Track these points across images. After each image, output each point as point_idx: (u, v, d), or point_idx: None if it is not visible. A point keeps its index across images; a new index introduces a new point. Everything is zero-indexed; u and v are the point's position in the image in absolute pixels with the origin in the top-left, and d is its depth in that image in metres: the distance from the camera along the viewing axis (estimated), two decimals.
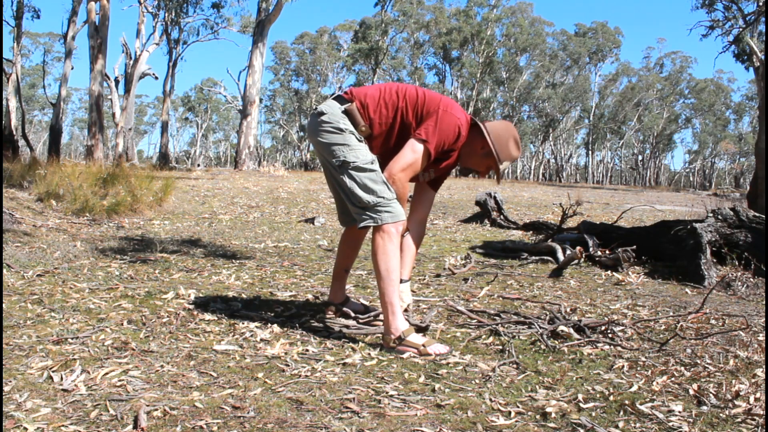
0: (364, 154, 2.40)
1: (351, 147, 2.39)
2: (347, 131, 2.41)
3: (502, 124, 2.56)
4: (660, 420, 1.72)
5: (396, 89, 2.49)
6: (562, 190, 15.96)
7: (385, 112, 2.45)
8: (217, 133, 62.84)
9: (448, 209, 8.72)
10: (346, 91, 2.52)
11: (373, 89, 2.50)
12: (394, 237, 2.35)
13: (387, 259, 2.34)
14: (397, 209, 2.37)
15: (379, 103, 2.45)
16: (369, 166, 2.38)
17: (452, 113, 2.44)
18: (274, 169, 17.32)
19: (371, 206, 2.35)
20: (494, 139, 2.49)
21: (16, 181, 6.22)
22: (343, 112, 2.43)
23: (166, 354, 2.20)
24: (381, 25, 34.85)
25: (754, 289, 3.60)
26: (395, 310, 2.34)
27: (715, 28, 18.46)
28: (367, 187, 2.35)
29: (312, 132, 2.49)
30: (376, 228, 2.36)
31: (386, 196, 2.36)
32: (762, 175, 7.79)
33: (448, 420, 1.71)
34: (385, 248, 2.34)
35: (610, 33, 43.51)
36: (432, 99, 2.47)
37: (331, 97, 2.52)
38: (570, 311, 2.93)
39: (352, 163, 2.37)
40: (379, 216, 2.34)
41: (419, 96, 2.46)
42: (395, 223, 2.35)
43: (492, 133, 2.50)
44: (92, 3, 14.13)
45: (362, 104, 2.45)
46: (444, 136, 2.42)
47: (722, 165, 61.07)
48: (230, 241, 5.22)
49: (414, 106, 2.45)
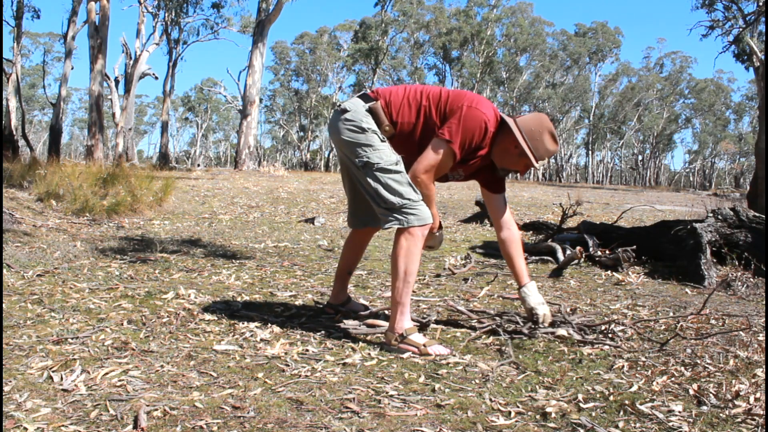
0: (388, 155, 2.35)
1: (374, 147, 2.34)
2: (370, 130, 2.36)
3: (534, 118, 2.43)
4: (660, 420, 1.72)
5: (420, 89, 2.45)
6: (562, 190, 15.95)
7: (408, 111, 2.40)
8: (217, 133, 62.86)
9: (448, 209, 8.72)
10: (372, 90, 2.48)
11: (398, 89, 2.47)
12: (418, 240, 2.31)
13: (409, 261, 2.30)
14: (423, 211, 2.32)
15: (403, 102, 2.41)
16: (393, 167, 2.33)
17: (477, 108, 2.35)
18: (274, 169, 17.32)
19: (397, 208, 2.30)
20: (527, 137, 2.38)
21: (16, 181, 6.22)
22: (367, 111, 2.39)
23: (166, 354, 2.20)
24: (381, 25, 34.85)
25: (754, 289, 3.60)
26: (405, 311, 2.32)
27: (715, 28, 18.45)
28: (392, 188, 2.31)
29: (334, 130, 2.44)
30: (400, 229, 2.32)
31: (412, 197, 2.32)
32: (762, 175, 7.79)
33: (448, 420, 1.71)
34: (409, 250, 2.30)
35: (610, 33, 43.50)
36: (457, 97, 2.40)
37: (356, 95, 2.48)
38: (570, 311, 2.93)
39: (376, 164, 2.32)
40: (406, 218, 2.30)
41: (442, 95, 2.41)
42: (422, 226, 2.32)
43: (524, 129, 2.39)
44: (92, 3, 14.13)
45: (386, 103, 2.41)
46: (468, 133, 2.34)
47: (722, 165, 61.08)
48: (230, 241, 5.22)
49: (437, 105, 2.39)
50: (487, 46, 36.73)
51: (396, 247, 2.32)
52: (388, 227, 2.34)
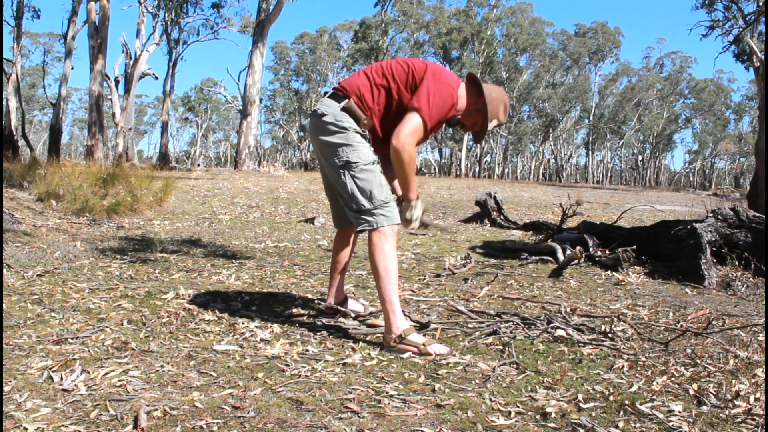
0: (366, 154, 2.41)
1: (354, 147, 2.39)
2: (351, 129, 2.40)
3: (497, 88, 2.61)
4: (660, 420, 1.72)
5: (382, 71, 2.48)
6: (562, 190, 15.96)
7: (380, 98, 2.46)
8: (217, 133, 62.88)
9: (448, 209, 8.72)
10: (337, 87, 2.50)
11: (361, 78, 2.48)
12: (390, 237, 2.36)
13: (385, 258, 2.34)
14: (392, 212, 2.39)
15: (373, 91, 2.46)
16: (370, 167, 2.39)
17: (443, 81, 2.44)
18: (274, 169, 17.32)
19: (368, 210, 2.36)
20: (488, 99, 2.52)
21: (16, 181, 6.22)
22: (342, 110, 2.42)
23: (166, 354, 2.20)
24: (381, 25, 34.86)
25: (754, 289, 3.60)
26: (395, 309, 2.35)
27: (715, 28, 18.46)
28: (364, 189, 2.36)
29: (314, 133, 2.48)
30: (372, 230, 2.37)
31: (384, 199, 2.37)
32: (762, 175, 7.79)
33: (448, 420, 1.71)
34: (383, 247, 2.35)
35: (610, 33, 43.51)
36: (418, 68, 2.46)
37: (326, 96, 2.50)
38: (570, 311, 2.93)
39: (355, 163, 2.37)
40: (375, 219, 2.36)
41: (408, 72, 2.46)
42: (391, 225, 2.37)
43: (487, 92, 2.53)
44: (92, 3, 14.13)
45: (359, 97, 2.45)
46: (438, 105, 2.41)
47: (722, 165, 61.09)
48: (230, 241, 5.22)
49: (405, 83, 2.45)
50: (487, 46, 36.74)
51: (371, 248, 2.37)
52: (360, 230, 2.40)
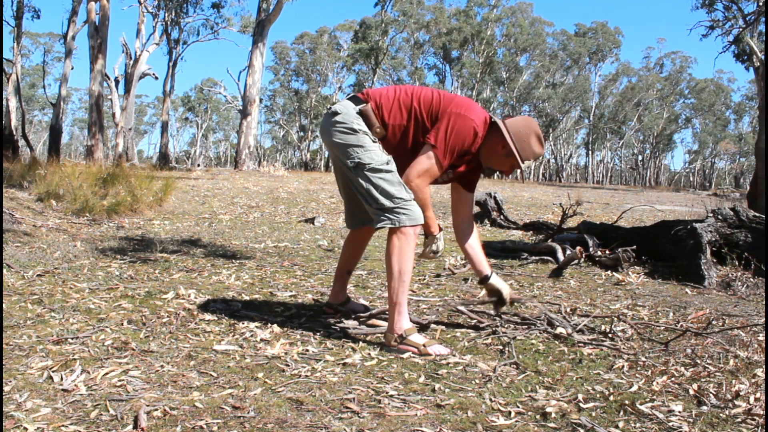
0: (379, 155, 2.37)
1: (365, 148, 2.36)
2: (361, 132, 2.38)
3: (522, 120, 2.47)
4: (660, 420, 1.72)
5: (411, 91, 2.45)
6: (562, 190, 15.96)
7: (399, 113, 2.41)
8: (217, 133, 62.85)
9: (448, 209, 8.71)
10: (362, 92, 2.49)
11: (388, 90, 2.47)
12: (411, 239, 2.33)
13: (402, 261, 2.32)
14: (415, 211, 2.35)
15: (393, 104, 2.42)
16: (384, 167, 2.35)
17: (465, 115, 2.37)
18: (274, 169, 17.31)
19: (389, 208, 2.32)
20: (515, 138, 2.41)
21: (16, 181, 6.22)
22: (357, 113, 2.40)
23: (166, 354, 2.20)
24: (381, 25, 34.83)
25: (754, 289, 3.60)
26: (402, 311, 2.34)
27: (715, 28, 18.45)
28: (383, 189, 2.33)
29: (325, 132, 2.46)
30: (393, 229, 2.34)
31: (404, 197, 2.33)
32: (762, 175, 7.79)
33: (448, 420, 1.71)
34: (402, 249, 2.32)
35: (610, 33, 43.49)
36: (447, 101, 2.41)
37: (346, 98, 2.50)
38: (570, 311, 2.93)
39: (368, 164, 2.34)
40: (397, 218, 2.32)
41: (434, 98, 2.41)
42: (413, 226, 2.34)
43: (512, 131, 2.42)
44: (92, 3, 14.13)
45: (377, 105, 2.42)
46: (457, 140, 2.36)
47: (722, 165, 61.07)
48: (230, 241, 5.22)
49: (428, 109, 2.40)
50: (487, 46, 36.72)
51: (389, 247, 2.35)
52: (380, 227, 2.37)
